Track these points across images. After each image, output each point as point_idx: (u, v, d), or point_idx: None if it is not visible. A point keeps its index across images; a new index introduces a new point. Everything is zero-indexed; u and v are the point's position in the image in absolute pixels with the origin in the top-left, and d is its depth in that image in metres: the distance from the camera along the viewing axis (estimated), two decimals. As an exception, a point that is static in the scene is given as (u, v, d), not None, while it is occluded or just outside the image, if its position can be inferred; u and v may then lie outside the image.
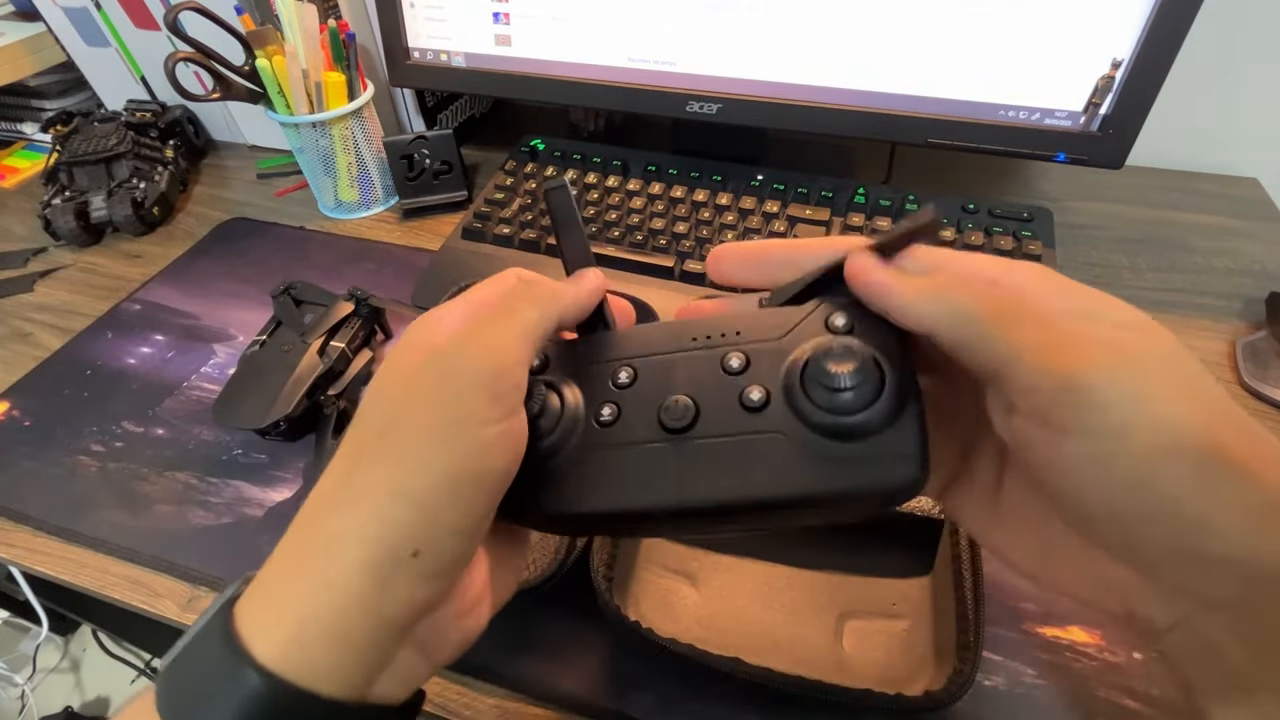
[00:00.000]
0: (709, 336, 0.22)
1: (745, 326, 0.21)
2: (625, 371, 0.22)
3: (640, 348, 0.22)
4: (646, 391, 0.21)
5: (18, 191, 0.76)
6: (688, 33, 0.55)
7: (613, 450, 0.21)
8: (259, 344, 0.47)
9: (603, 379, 0.22)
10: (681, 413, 0.20)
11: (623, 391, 0.21)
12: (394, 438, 0.19)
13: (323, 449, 0.44)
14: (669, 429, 0.20)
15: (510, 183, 0.63)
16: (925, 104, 0.52)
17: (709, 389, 0.21)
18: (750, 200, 0.57)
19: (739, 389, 0.20)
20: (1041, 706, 0.32)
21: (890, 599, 0.35)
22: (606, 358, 0.22)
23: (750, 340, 0.21)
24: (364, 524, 0.18)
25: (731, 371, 0.21)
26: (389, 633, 0.18)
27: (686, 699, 0.33)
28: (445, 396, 0.19)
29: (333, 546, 0.18)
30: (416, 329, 0.21)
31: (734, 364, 0.21)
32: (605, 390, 0.22)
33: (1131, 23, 0.45)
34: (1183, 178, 0.68)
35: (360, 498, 0.19)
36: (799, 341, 0.20)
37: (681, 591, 0.36)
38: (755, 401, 0.20)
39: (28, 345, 0.56)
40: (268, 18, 0.61)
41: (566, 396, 0.22)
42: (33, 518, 0.43)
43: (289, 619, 0.18)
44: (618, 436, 0.21)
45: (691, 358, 0.21)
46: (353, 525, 0.18)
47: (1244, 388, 0.47)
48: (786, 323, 0.21)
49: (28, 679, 1.09)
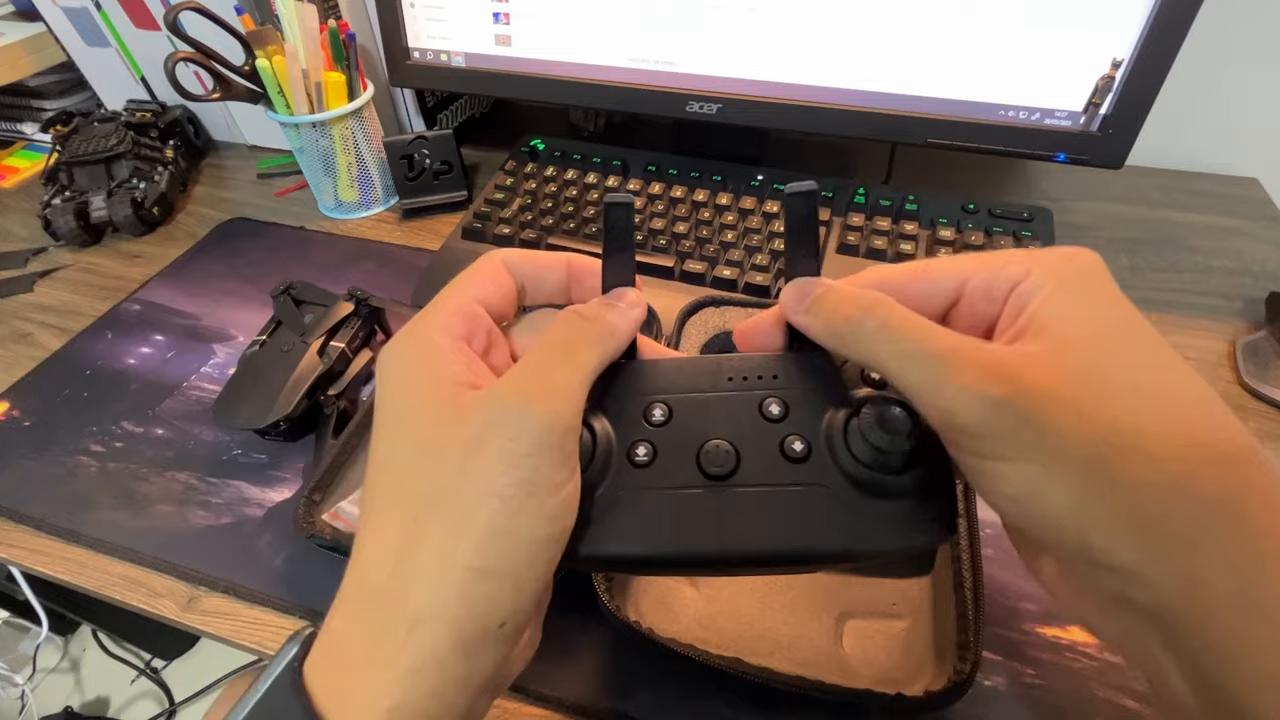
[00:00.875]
0: (745, 378, 0.21)
1: (781, 370, 0.21)
2: (659, 409, 0.21)
3: (673, 384, 0.22)
4: (683, 432, 0.21)
5: (18, 191, 0.76)
6: (688, 33, 0.55)
7: (650, 493, 0.20)
8: (259, 344, 0.47)
9: (635, 415, 0.21)
10: (723, 459, 0.20)
11: (658, 430, 0.21)
12: (460, 505, 0.18)
13: (323, 449, 0.44)
14: (709, 475, 0.20)
15: (510, 183, 0.63)
16: (925, 104, 0.52)
17: (748, 435, 0.20)
18: (750, 200, 0.57)
19: (779, 437, 0.20)
20: (1041, 706, 0.32)
21: (890, 599, 0.35)
22: (639, 391, 0.22)
23: (788, 386, 0.21)
24: (445, 604, 0.17)
25: (771, 419, 0.20)
26: (477, 697, 0.18)
27: (686, 699, 0.33)
28: (515, 459, 0.18)
29: (416, 629, 0.17)
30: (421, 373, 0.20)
31: (774, 411, 0.20)
32: (639, 427, 0.21)
33: (1131, 23, 0.45)
34: (1183, 178, 0.68)
35: (434, 575, 0.18)
36: (839, 390, 0.20)
37: (681, 591, 0.36)
38: (798, 453, 0.20)
39: (28, 345, 0.56)
40: (268, 18, 0.61)
41: (598, 431, 0.21)
42: (33, 518, 0.43)
43: (377, 707, 0.17)
44: (655, 479, 0.20)
45: (728, 400, 0.21)
46: (433, 606, 0.17)
47: (1244, 387, 0.47)
48: (824, 370, 0.21)
49: (28, 679, 1.09)
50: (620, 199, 0.23)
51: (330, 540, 0.37)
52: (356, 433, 0.43)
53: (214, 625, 0.38)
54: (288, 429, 0.45)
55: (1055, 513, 0.16)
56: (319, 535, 0.38)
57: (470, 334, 0.22)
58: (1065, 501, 0.16)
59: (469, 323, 0.22)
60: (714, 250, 0.54)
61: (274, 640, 0.37)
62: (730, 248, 0.54)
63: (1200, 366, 0.48)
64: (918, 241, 0.54)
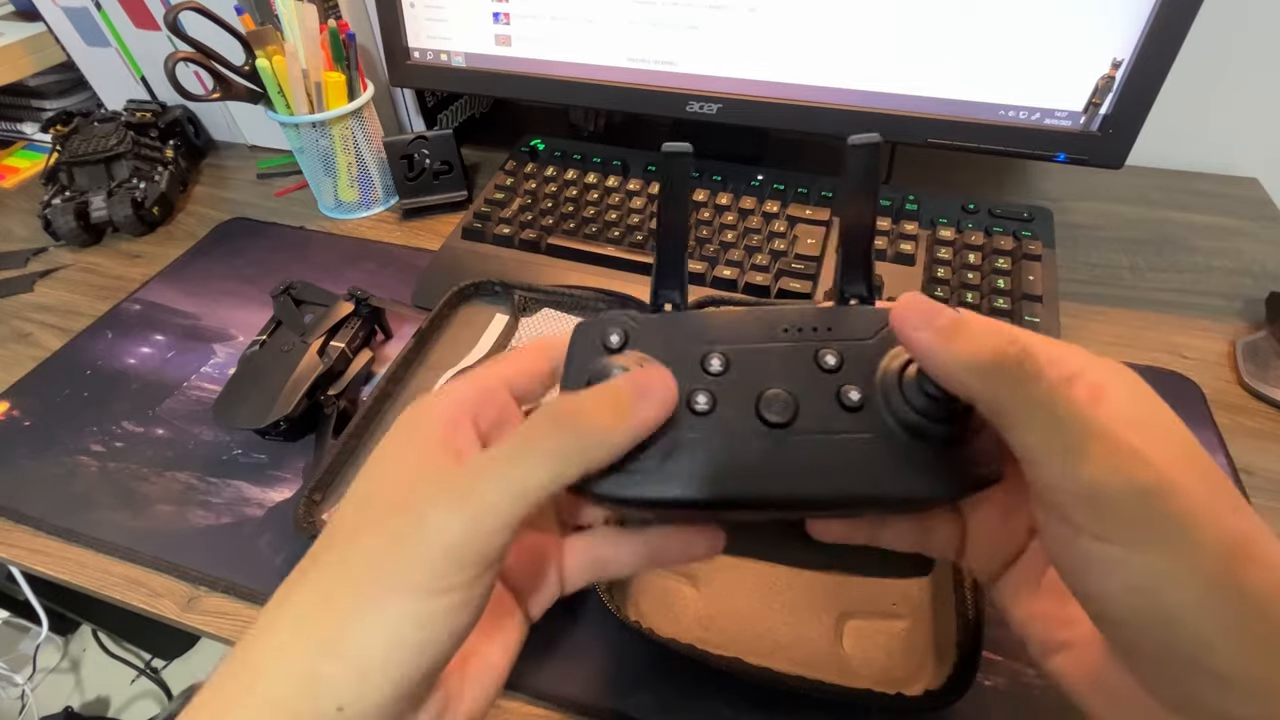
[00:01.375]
0: (800, 330, 0.22)
1: (835, 323, 0.21)
2: (717, 358, 0.21)
3: (729, 334, 0.22)
4: (742, 381, 0.21)
5: (18, 191, 0.76)
6: (688, 33, 0.55)
7: (712, 438, 0.20)
8: (259, 344, 0.47)
9: (693, 363, 0.21)
10: (782, 407, 0.20)
11: (717, 379, 0.21)
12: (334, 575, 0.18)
13: (323, 449, 0.44)
14: (769, 423, 0.20)
15: (510, 183, 0.63)
16: (925, 104, 0.52)
17: (806, 385, 0.21)
18: (750, 200, 0.57)
19: (836, 387, 0.20)
20: (1041, 706, 0.32)
21: (890, 599, 0.35)
22: (696, 340, 0.22)
23: (841, 338, 0.21)
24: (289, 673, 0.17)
25: (827, 369, 0.21)
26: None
27: (686, 699, 0.33)
28: (396, 549, 0.17)
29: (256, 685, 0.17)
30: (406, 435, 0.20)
31: (830, 361, 0.21)
32: (698, 375, 0.21)
33: (1131, 23, 0.45)
34: (1183, 178, 0.68)
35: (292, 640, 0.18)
36: (892, 344, 0.21)
37: (681, 591, 0.36)
38: (854, 402, 0.20)
39: (28, 345, 0.56)
40: (268, 18, 0.61)
41: None
42: (33, 518, 0.43)
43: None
44: (716, 426, 0.20)
45: (785, 350, 0.21)
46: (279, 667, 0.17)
47: (1244, 387, 0.47)
48: (876, 322, 0.21)
49: (28, 679, 1.09)
50: (678, 147, 0.22)
51: (330, 540, 0.37)
52: (356, 433, 0.43)
53: (214, 625, 0.38)
54: (288, 429, 0.45)
55: (1175, 610, 0.16)
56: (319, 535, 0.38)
57: (478, 408, 0.21)
58: (1189, 599, 0.16)
59: (482, 397, 0.22)
60: (714, 250, 0.54)
61: (274, 640, 0.37)
62: (730, 248, 0.54)
63: (1200, 366, 0.48)
64: (918, 241, 0.54)
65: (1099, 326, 0.52)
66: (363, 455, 0.44)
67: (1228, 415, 0.45)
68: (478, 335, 0.51)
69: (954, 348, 0.18)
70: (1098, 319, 0.52)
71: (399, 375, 0.47)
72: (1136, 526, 0.16)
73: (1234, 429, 0.44)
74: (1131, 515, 0.16)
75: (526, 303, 0.53)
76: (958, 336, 0.18)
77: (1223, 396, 0.46)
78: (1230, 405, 0.46)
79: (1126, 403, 0.19)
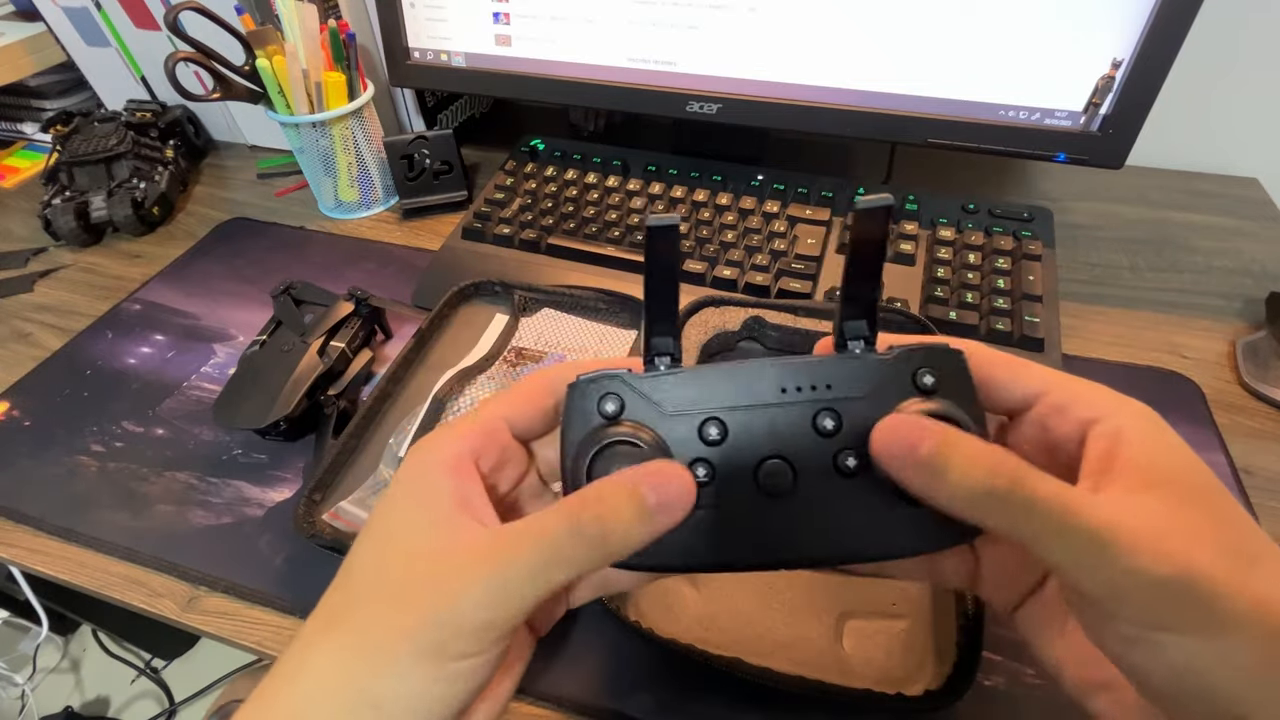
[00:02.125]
0: (799, 388, 0.21)
1: (834, 378, 0.22)
2: (715, 426, 0.21)
3: (726, 395, 0.22)
4: (740, 451, 0.21)
5: (18, 191, 0.76)
6: (688, 33, 0.55)
7: (712, 510, 0.21)
8: (259, 344, 0.47)
9: (690, 432, 0.21)
10: (779, 480, 0.21)
11: (714, 449, 0.21)
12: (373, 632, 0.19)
13: (323, 449, 0.44)
14: (767, 493, 0.21)
15: (510, 183, 0.63)
16: (925, 104, 0.52)
17: (803, 452, 0.21)
18: (750, 200, 0.57)
19: (833, 452, 0.21)
20: (1041, 706, 0.32)
21: (890, 599, 0.35)
22: (691, 407, 0.22)
23: (841, 396, 0.21)
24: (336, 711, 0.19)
25: (825, 433, 0.21)
26: None
27: (686, 699, 0.33)
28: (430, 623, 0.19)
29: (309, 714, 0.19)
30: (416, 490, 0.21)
31: (828, 425, 0.21)
32: (694, 445, 0.21)
33: (1131, 23, 0.45)
34: (1183, 178, 0.68)
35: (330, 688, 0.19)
36: (890, 399, 0.21)
37: (681, 591, 0.36)
38: (850, 469, 0.21)
39: (28, 345, 0.56)
40: (268, 18, 0.61)
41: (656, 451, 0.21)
42: (33, 518, 0.43)
43: None
44: (715, 497, 0.21)
45: (782, 414, 0.21)
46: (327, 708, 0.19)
47: (1244, 387, 0.47)
48: (874, 375, 0.21)
49: (28, 679, 1.09)
50: (665, 221, 0.21)
51: (330, 540, 0.37)
52: (356, 433, 0.43)
53: (214, 625, 0.38)
54: (288, 429, 0.45)
55: (1217, 687, 0.16)
56: (319, 535, 0.38)
57: (481, 450, 0.22)
58: (1230, 676, 0.16)
59: (484, 439, 0.22)
60: (714, 250, 0.54)
61: (274, 640, 0.37)
62: (730, 248, 0.54)
63: (1200, 366, 0.48)
64: (918, 241, 0.54)
65: (1099, 326, 0.52)
66: (363, 455, 0.44)
67: (1228, 415, 0.45)
68: (478, 335, 0.51)
69: (942, 487, 0.19)
70: (1098, 319, 0.52)
71: (399, 375, 0.47)
72: (1168, 616, 0.16)
73: (1234, 429, 0.44)
74: (1162, 607, 0.16)
75: (526, 303, 0.53)
76: (945, 473, 0.18)
77: (1223, 396, 0.46)
78: (1230, 405, 0.46)
79: (1143, 446, 0.19)
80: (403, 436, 0.43)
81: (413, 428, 0.43)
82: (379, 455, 0.43)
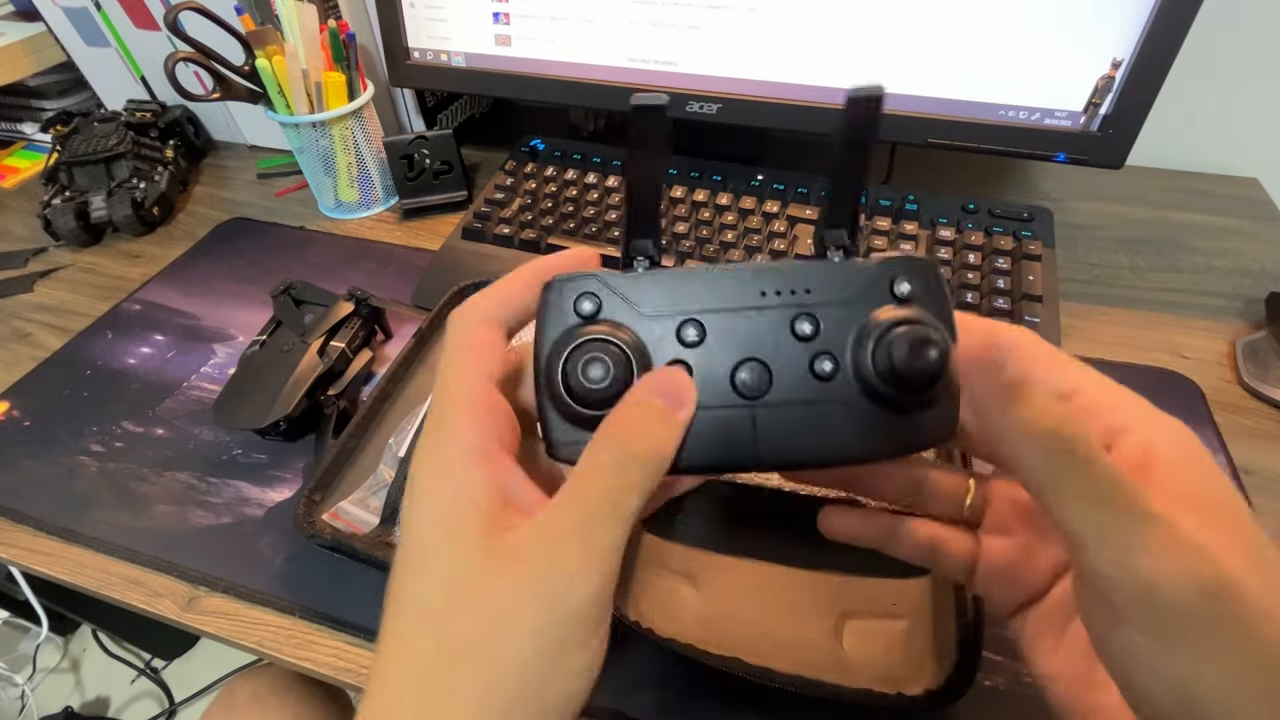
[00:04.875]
0: (778, 292, 0.21)
1: (814, 282, 0.21)
2: (693, 328, 0.21)
3: (704, 298, 0.22)
4: (718, 353, 0.21)
5: (18, 191, 0.76)
6: (687, 33, 0.55)
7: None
8: (259, 344, 0.47)
9: (668, 333, 0.21)
10: (756, 381, 0.21)
11: (692, 350, 0.21)
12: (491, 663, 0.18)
13: (323, 449, 0.44)
14: (744, 395, 0.21)
15: (510, 183, 0.63)
16: (925, 104, 0.52)
17: (780, 354, 0.21)
18: (750, 200, 0.57)
19: (810, 355, 0.21)
20: (1041, 706, 0.32)
21: (890, 599, 0.35)
22: (669, 308, 0.21)
23: (819, 301, 0.21)
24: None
25: (802, 337, 0.21)
26: None
27: (686, 699, 0.33)
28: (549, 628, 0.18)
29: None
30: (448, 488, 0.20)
31: (805, 329, 0.21)
32: (672, 346, 0.21)
33: (1131, 23, 0.45)
34: (1183, 178, 0.68)
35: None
36: (866, 306, 0.21)
37: (681, 591, 0.36)
38: (826, 373, 0.21)
39: (28, 345, 0.56)
40: (268, 18, 0.61)
41: (633, 359, 0.21)
42: (33, 518, 0.43)
43: None
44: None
45: (760, 317, 0.21)
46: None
47: (1244, 387, 0.47)
48: (852, 281, 0.21)
49: (28, 679, 1.09)
50: (652, 100, 0.20)
51: (330, 540, 0.37)
52: (356, 433, 0.43)
53: (214, 625, 0.38)
54: (288, 429, 0.45)
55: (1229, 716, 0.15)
56: (319, 535, 0.38)
57: (493, 429, 0.20)
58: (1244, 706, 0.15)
59: (489, 418, 0.20)
60: (714, 250, 0.54)
61: (274, 640, 0.37)
62: (730, 247, 0.54)
63: (1200, 366, 0.48)
64: (918, 241, 0.54)
65: (1099, 326, 0.51)
66: (363, 455, 0.44)
67: (1228, 415, 0.45)
68: (478, 335, 0.51)
69: (1012, 412, 0.17)
70: (1098, 319, 0.52)
71: (399, 375, 0.47)
72: (1190, 628, 0.15)
73: (1234, 429, 0.44)
74: (1188, 617, 0.15)
75: (526, 303, 0.53)
76: (1025, 402, 0.17)
77: (1223, 396, 0.46)
78: (1230, 405, 0.46)
79: (1176, 466, 0.18)
80: (403, 436, 0.43)
81: (413, 428, 0.43)
82: (379, 455, 0.43)
